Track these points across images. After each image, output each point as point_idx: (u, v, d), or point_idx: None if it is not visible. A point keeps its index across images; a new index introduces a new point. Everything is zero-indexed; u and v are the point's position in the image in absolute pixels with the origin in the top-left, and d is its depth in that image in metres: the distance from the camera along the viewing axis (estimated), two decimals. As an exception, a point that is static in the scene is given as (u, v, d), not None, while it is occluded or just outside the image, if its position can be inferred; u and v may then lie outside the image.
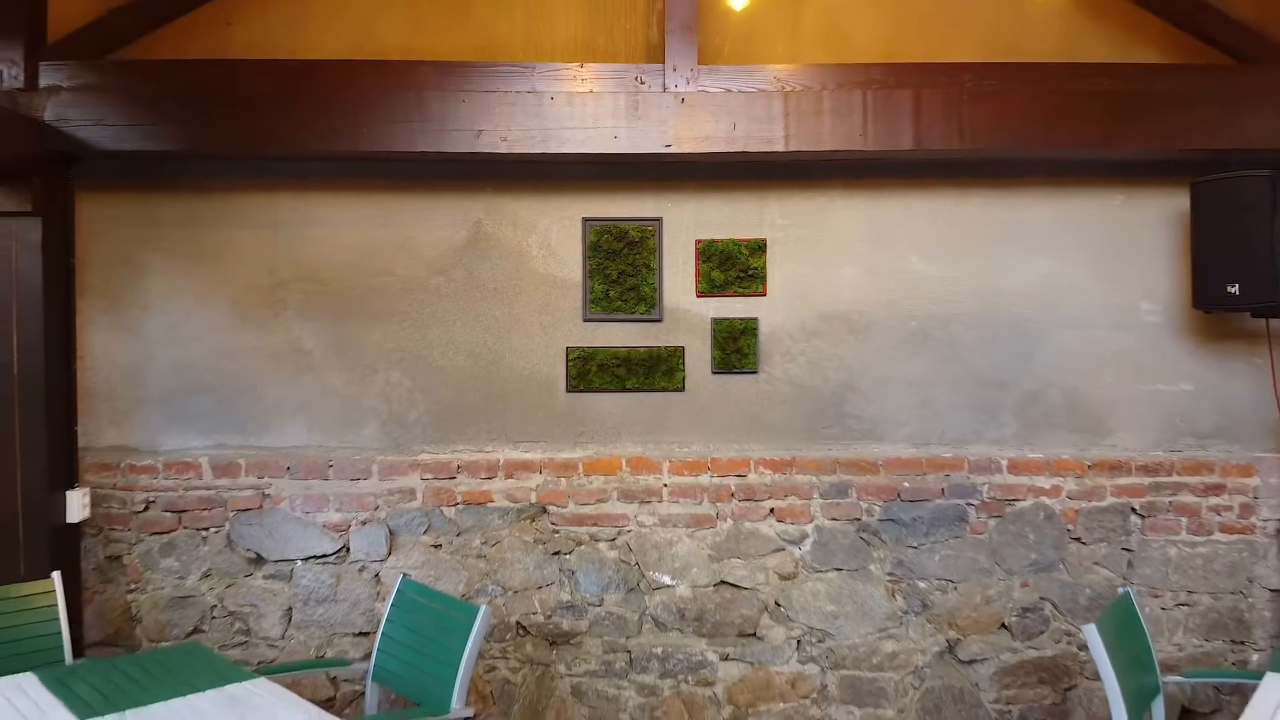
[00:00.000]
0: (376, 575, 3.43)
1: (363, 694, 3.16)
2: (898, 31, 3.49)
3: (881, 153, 3.19)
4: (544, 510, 3.46)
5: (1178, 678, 3.16)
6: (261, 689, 2.53)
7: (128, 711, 2.39)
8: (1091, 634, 2.62)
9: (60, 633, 3.06)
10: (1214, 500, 3.51)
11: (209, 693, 2.51)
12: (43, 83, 3.24)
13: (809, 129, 3.14)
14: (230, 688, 2.54)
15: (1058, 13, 3.49)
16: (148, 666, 2.75)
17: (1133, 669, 2.84)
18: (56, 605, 3.07)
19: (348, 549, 3.44)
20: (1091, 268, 3.52)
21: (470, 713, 2.89)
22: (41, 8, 3.33)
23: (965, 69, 3.24)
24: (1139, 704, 2.80)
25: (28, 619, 3.06)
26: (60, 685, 2.60)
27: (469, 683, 2.72)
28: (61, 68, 3.25)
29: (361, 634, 3.42)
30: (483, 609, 2.73)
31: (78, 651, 3.14)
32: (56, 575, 3.09)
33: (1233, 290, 3.20)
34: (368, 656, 3.10)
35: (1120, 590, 3.03)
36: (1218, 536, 3.51)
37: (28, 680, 2.68)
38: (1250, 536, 3.52)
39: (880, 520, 3.46)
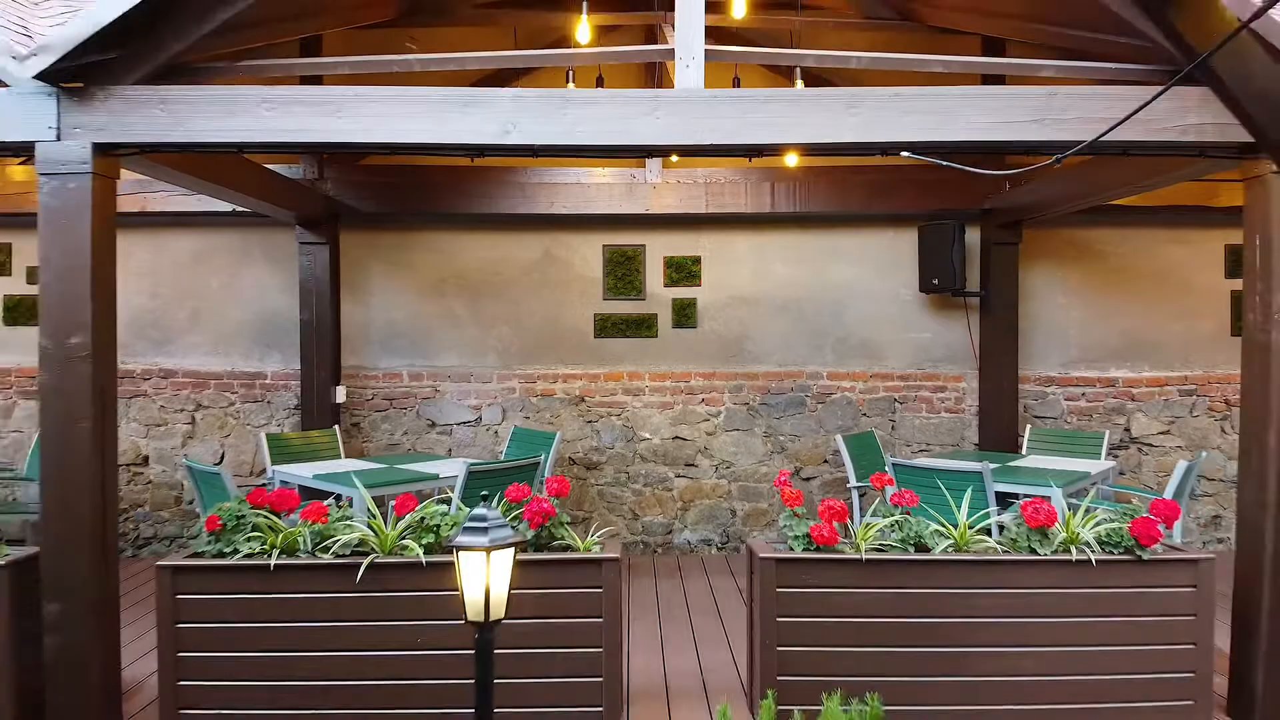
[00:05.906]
0: (495, 432, 6.51)
1: (492, 488, 6.26)
2: (770, 145, 6.53)
3: (757, 213, 6.24)
4: (583, 399, 6.53)
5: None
6: (455, 460, 5.63)
7: (401, 464, 5.48)
8: (840, 440, 5.69)
9: (339, 452, 6.16)
10: (941, 395, 6.54)
11: (433, 462, 5.60)
12: (325, 175, 6.34)
13: (717, 201, 6.19)
14: (443, 461, 5.64)
15: (856, 135, 6.52)
16: (392, 460, 5.85)
17: (870, 465, 5.89)
18: (338, 442, 6.17)
19: (480, 419, 6.52)
20: (876, 271, 6.55)
21: (552, 480, 5.97)
22: (322, 136, 6.43)
23: (800, 169, 6.30)
24: (871, 471, 5.84)
25: (325, 447, 6.16)
26: (360, 461, 5.71)
27: (550, 470, 5.77)
28: (334, 168, 6.34)
29: (487, 463, 6.48)
30: (558, 434, 5.80)
31: (353, 462, 6.21)
32: (336, 428, 6.20)
33: (936, 282, 6.24)
34: (496, 467, 6.19)
35: (869, 430, 6.09)
36: (944, 414, 6.55)
37: (341, 460, 5.80)
38: (962, 415, 6.55)
39: (759, 404, 6.51)
